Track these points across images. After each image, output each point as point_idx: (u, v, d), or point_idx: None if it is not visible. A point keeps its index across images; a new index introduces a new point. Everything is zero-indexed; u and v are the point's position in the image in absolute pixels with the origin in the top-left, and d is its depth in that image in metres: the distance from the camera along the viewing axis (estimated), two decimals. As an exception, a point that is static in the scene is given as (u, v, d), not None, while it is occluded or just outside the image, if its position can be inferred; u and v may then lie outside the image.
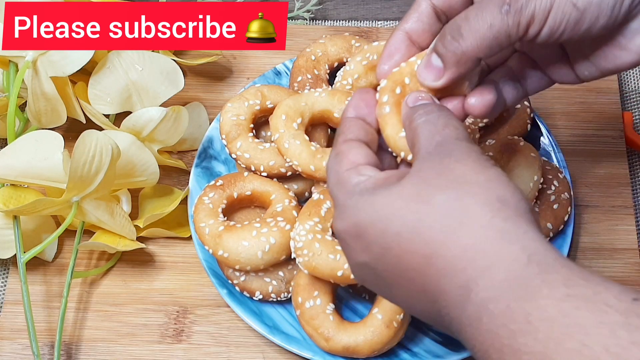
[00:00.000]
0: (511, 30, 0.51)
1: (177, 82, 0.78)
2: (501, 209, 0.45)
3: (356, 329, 0.68)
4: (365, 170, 0.50)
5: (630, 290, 0.41)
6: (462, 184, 0.46)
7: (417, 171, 0.48)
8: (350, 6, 0.95)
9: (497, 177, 0.46)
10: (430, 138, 0.49)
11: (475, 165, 0.47)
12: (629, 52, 0.55)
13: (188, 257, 0.78)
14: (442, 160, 0.48)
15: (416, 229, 0.46)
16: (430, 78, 0.53)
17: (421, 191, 0.47)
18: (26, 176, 0.71)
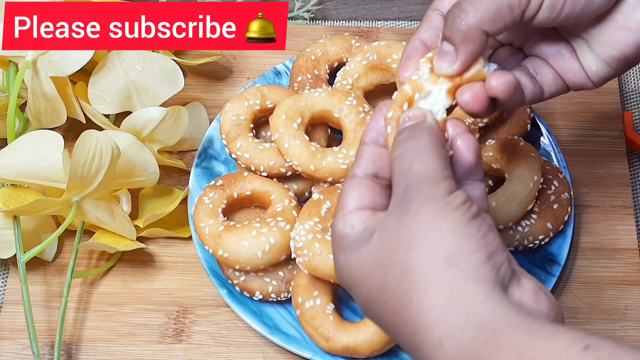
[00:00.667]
0: (513, 3, 0.52)
1: (177, 82, 0.78)
2: (447, 273, 0.44)
3: (356, 329, 0.68)
4: (352, 218, 0.50)
5: (580, 338, 0.40)
6: (409, 247, 0.45)
7: (382, 228, 0.48)
8: (350, 6, 0.95)
9: (448, 231, 0.45)
10: (400, 180, 0.48)
11: (426, 221, 0.46)
12: (629, 31, 0.54)
13: (188, 257, 0.78)
14: (400, 218, 0.47)
15: (380, 298, 0.47)
16: (446, 65, 0.52)
17: (380, 257, 0.47)
18: (26, 176, 0.71)
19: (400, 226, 0.46)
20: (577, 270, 0.76)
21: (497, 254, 0.45)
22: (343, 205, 0.51)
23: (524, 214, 0.71)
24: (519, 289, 0.45)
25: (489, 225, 0.46)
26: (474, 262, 0.44)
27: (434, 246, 0.45)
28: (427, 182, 0.47)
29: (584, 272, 0.76)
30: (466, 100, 0.53)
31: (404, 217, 0.46)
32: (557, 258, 0.74)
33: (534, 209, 0.73)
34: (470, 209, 0.46)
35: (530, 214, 0.72)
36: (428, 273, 0.44)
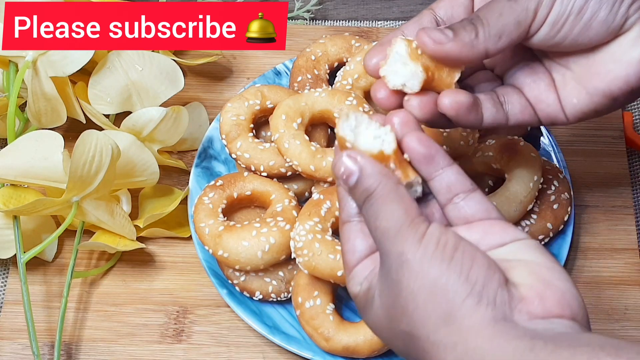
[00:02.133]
0: (520, 16, 0.52)
1: (177, 82, 0.78)
2: (448, 334, 0.45)
3: (356, 329, 0.68)
4: (357, 275, 0.51)
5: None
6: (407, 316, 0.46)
7: (379, 289, 0.49)
8: (350, 6, 0.95)
9: (432, 289, 0.45)
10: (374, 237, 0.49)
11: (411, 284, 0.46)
12: (624, 64, 0.54)
13: (188, 257, 0.78)
14: (387, 279, 0.47)
15: (409, 353, 0.48)
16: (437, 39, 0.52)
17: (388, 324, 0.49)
18: (26, 176, 0.71)
19: (391, 294, 0.47)
20: (577, 270, 0.76)
21: (487, 287, 0.45)
22: (346, 264, 0.52)
23: (524, 214, 0.71)
24: (523, 304, 0.45)
25: (470, 254, 0.46)
26: (467, 312, 0.44)
27: (427, 310, 0.45)
28: (396, 239, 0.47)
29: (584, 272, 0.76)
30: (413, 105, 0.53)
31: (391, 284, 0.47)
32: (557, 258, 0.74)
33: (534, 209, 0.73)
34: (446, 246, 0.46)
35: (530, 214, 0.72)
36: (432, 339, 0.45)
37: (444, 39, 0.52)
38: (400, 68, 0.53)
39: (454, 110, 0.53)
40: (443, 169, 0.51)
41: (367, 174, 0.49)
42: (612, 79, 0.55)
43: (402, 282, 0.46)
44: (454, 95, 0.53)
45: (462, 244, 0.46)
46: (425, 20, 0.57)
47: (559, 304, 0.45)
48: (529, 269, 0.47)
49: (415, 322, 0.46)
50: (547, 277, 0.46)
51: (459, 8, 0.57)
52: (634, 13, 0.53)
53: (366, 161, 0.49)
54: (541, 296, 0.45)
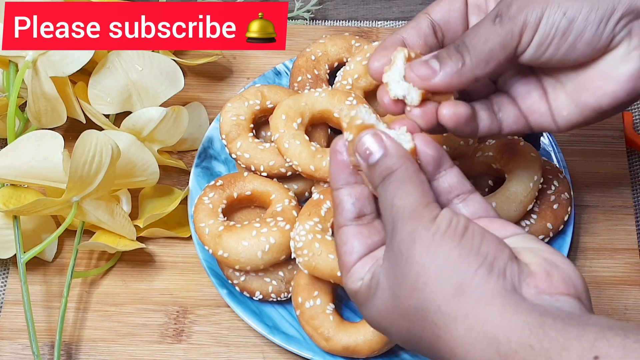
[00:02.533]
0: (505, 40, 0.53)
1: (177, 82, 0.78)
2: (459, 304, 0.45)
3: (356, 329, 0.68)
4: (356, 273, 0.51)
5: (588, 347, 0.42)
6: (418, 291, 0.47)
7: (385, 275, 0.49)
8: (350, 6, 0.95)
9: (445, 262, 0.46)
10: (387, 219, 0.49)
11: (422, 260, 0.46)
12: (611, 81, 0.54)
13: (188, 257, 0.78)
14: (396, 259, 0.48)
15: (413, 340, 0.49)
16: (423, 75, 0.53)
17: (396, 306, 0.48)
18: (26, 176, 0.71)
19: (400, 271, 0.48)
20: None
21: (498, 259, 0.46)
22: (344, 264, 0.52)
23: (524, 214, 0.71)
24: (532, 278, 0.46)
25: (479, 232, 0.47)
26: (479, 281, 0.45)
27: (438, 283, 0.46)
28: (410, 218, 0.48)
29: (583, 272, 0.76)
30: (416, 115, 0.54)
31: (400, 260, 0.48)
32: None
33: (534, 209, 0.73)
34: (457, 226, 0.47)
35: (530, 214, 0.72)
36: (444, 310, 0.46)
37: (430, 74, 0.53)
38: (401, 80, 0.54)
39: (453, 122, 0.54)
40: (446, 171, 0.53)
41: (391, 153, 0.50)
42: (601, 95, 0.55)
43: (414, 257, 0.47)
44: (453, 107, 0.54)
45: (472, 224, 0.47)
46: (423, 25, 0.57)
47: (564, 283, 0.46)
48: (534, 253, 0.48)
49: (426, 296, 0.46)
50: (552, 259, 0.48)
51: (454, 13, 0.58)
52: (621, 30, 0.53)
53: (392, 142, 0.50)
54: (548, 273, 0.46)
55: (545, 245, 0.50)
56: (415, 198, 0.48)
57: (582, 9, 0.52)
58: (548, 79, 0.57)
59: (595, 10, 0.52)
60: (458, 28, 0.58)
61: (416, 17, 0.58)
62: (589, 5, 0.52)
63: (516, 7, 0.53)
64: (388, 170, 0.50)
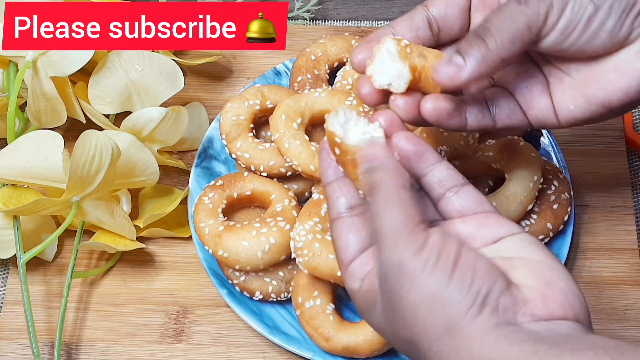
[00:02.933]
0: (531, 20, 0.52)
1: (177, 82, 0.78)
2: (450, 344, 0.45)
3: (356, 329, 0.68)
4: (354, 272, 0.50)
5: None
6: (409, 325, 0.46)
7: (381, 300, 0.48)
8: (350, 6, 0.95)
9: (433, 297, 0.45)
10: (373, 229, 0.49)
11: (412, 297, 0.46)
12: (625, 76, 0.54)
13: (188, 257, 0.78)
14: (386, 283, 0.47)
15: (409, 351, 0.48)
16: (451, 75, 0.51)
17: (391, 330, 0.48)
18: (26, 176, 0.71)
19: (389, 299, 0.47)
20: (577, 270, 0.76)
21: (490, 294, 0.45)
22: (341, 260, 0.51)
23: (524, 214, 0.71)
24: (527, 307, 0.45)
25: (471, 263, 0.46)
26: (469, 320, 0.44)
27: (428, 323, 0.45)
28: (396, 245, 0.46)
29: (584, 272, 0.76)
30: (398, 105, 0.53)
31: (390, 294, 0.47)
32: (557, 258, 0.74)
33: (534, 209, 0.73)
34: (447, 258, 0.46)
35: (530, 214, 0.72)
36: (435, 350, 0.45)
37: (457, 72, 0.51)
38: (388, 67, 0.52)
39: (434, 116, 0.53)
40: (434, 165, 0.51)
41: (377, 165, 0.49)
42: (612, 89, 0.54)
43: (401, 293, 0.46)
44: (435, 101, 0.53)
45: (463, 253, 0.46)
46: (418, 18, 0.56)
47: (561, 306, 0.45)
48: (530, 269, 0.47)
49: (416, 334, 0.46)
50: (548, 277, 0.46)
51: (453, 8, 0.57)
52: (639, 26, 0.53)
53: (382, 151, 0.49)
54: (544, 298, 0.45)
55: (543, 252, 0.48)
56: (400, 221, 0.47)
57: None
58: (555, 71, 0.57)
59: (619, 0, 0.52)
60: (455, 22, 0.57)
61: (414, 9, 0.57)
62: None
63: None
64: (372, 184, 0.49)
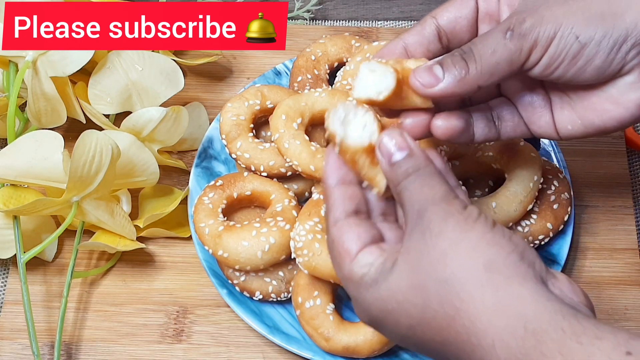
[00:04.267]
0: (513, 56, 0.52)
1: (177, 82, 0.78)
2: (490, 278, 0.45)
3: (356, 329, 0.68)
4: (364, 258, 0.50)
5: (623, 342, 0.42)
6: (445, 264, 0.46)
7: (407, 252, 0.48)
8: (350, 6, 0.95)
9: (478, 240, 0.47)
10: (411, 207, 0.49)
11: (454, 235, 0.47)
12: (620, 107, 0.54)
13: (188, 257, 0.78)
14: (423, 237, 0.48)
15: (423, 320, 0.47)
16: (426, 83, 0.52)
17: (414, 280, 0.48)
18: (26, 176, 0.71)
19: (426, 246, 0.47)
20: (577, 270, 0.76)
21: (527, 252, 0.47)
22: (345, 251, 0.51)
23: (524, 214, 0.71)
24: (556, 281, 0.47)
25: (508, 230, 0.48)
26: (511, 263, 0.46)
27: (469, 257, 0.46)
28: (441, 202, 0.48)
29: (584, 272, 0.76)
30: (407, 124, 0.54)
31: (428, 237, 0.47)
32: (557, 258, 0.74)
33: (534, 209, 0.73)
34: (487, 219, 0.48)
35: (530, 214, 0.72)
36: (470, 282, 0.45)
37: (433, 82, 0.52)
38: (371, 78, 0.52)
39: (446, 135, 0.54)
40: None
41: (416, 153, 0.51)
42: (607, 118, 0.55)
43: (445, 232, 0.47)
44: (447, 120, 0.54)
45: (497, 223, 0.48)
46: (428, 31, 0.57)
47: (582, 295, 0.47)
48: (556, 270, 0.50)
49: (453, 269, 0.46)
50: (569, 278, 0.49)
51: (462, 20, 0.57)
52: (633, 59, 0.53)
53: (414, 144, 0.51)
54: (570, 282, 0.47)
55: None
56: (445, 189, 0.49)
57: (595, 33, 0.52)
58: (556, 92, 0.57)
59: (609, 36, 0.52)
60: (464, 35, 0.57)
61: (423, 20, 0.57)
62: (603, 31, 0.52)
63: (529, 23, 0.52)
64: (415, 168, 0.50)
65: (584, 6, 0.52)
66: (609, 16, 0.52)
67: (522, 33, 0.52)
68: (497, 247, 0.46)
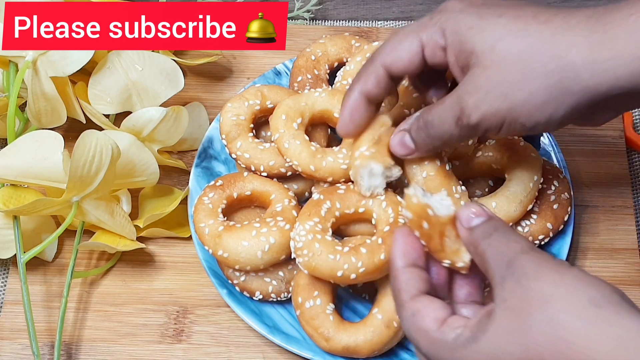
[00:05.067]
0: (468, 136, 0.59)
1: (177, 82, 0.78)
2: (599, 314, 0.46)
3: (356, 329, 0.68)
4: (455, 322, 0.51)
5: None
6: (548, 303, 0.47)
7: (503, 302, 0.49)
8: (350, 6, 0.95)
9: (577, 280, 0.47)
10: (499, 260, 0.50)
11: (553, 277, 0.48)
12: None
13: (188, 257, 0.78)
14: (519, 282, 0.48)
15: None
16: (401, 153, 0.64)
17: (515, 323, 0.48)
18: (26, 176, 0.71)
19: (525, 289, 0.48)
20: (577, 270, 0.76)
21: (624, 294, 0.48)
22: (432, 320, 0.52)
23: (524, 214, 0.71)
24: None
25: None
26: (615, 300, 0.46)
27: (572, 294, 0.47)
28: (531, 251, 0.50)
29: (584, 272, 0.76)
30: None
31: (525, 281, 0.48)
32: (557, 258, 0.74)
33: (534, 209, 0.73)
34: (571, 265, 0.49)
35: (530, 214, 0.72)
36: (580, 317, 0.46)
37: (409, 152, 0.64)
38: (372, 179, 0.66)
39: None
40: None
41: (494, 217, 0.54)
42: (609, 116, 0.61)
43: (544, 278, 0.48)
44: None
45: None
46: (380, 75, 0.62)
47: None
48: None
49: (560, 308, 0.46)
50: None
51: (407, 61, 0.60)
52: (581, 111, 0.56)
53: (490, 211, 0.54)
54: None
55: None
56: (529, 246, 0.51)
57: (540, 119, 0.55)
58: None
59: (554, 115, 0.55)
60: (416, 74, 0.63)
61: (371, 65, 0.62)
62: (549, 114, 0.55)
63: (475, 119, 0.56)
64: (495, 227, 0.52)
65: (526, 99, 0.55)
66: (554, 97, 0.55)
67: (471, 125, 0.57)
68: (598, 287, 0.47)
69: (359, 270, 0.65)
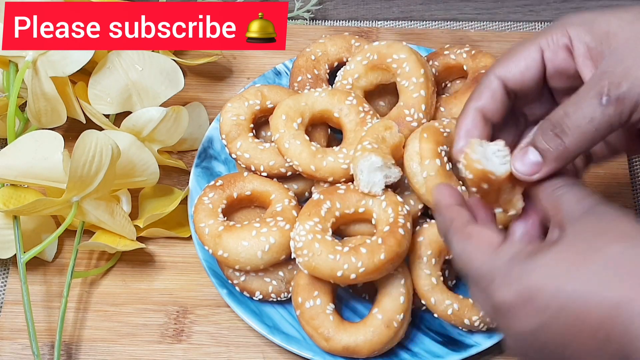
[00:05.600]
0: (613, 120, 0.51)
1: (177, 82, 0.78)
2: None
3: (356, 329, 0.68)
4: (511, 245, 0.50)
5: None
6: (629, 237, 0.46)
7: (577, 232, 0.48)
8: (350, 6, 0.95)
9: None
10: (576, 205, 0.50)
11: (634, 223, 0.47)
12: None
13: (188, 257, 0.78)
14: (600, 220, 0.48)
15: (596, 282, 0.45)
16: (527, 172, 0.53)
17: (589, 248, 0.46)
18: (26, 176, 0.71)
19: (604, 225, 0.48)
20: (577, 270, 0.76)
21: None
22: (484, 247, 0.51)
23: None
24: None
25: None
26: None
27: None
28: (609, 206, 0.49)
29: (584, 272, 0.76)
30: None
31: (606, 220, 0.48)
32: None
33: (534, 209, 0.73)
34: None
35: (530, 214, 0.72)
36: None
37: (536, 169, 0.53)
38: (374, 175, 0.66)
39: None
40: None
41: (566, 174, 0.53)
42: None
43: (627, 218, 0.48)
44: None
45: None
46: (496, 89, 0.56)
47: None
48: None
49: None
50: None
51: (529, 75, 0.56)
52: None
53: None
54: None
55: None
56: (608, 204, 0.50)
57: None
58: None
59: None
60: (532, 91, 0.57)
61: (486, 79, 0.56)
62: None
63: (626, 87, 0.51)
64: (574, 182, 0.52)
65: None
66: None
67: (620, 97, 0.51)
68: None
69: (359, 270, 0.65)
